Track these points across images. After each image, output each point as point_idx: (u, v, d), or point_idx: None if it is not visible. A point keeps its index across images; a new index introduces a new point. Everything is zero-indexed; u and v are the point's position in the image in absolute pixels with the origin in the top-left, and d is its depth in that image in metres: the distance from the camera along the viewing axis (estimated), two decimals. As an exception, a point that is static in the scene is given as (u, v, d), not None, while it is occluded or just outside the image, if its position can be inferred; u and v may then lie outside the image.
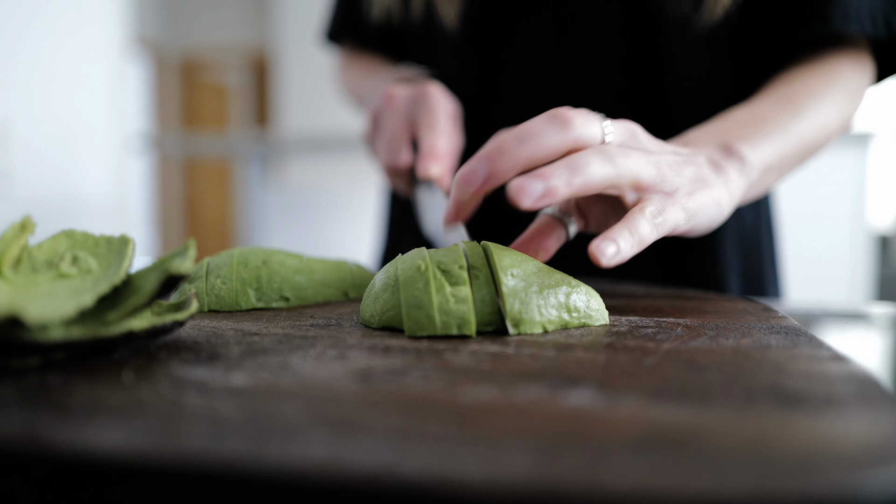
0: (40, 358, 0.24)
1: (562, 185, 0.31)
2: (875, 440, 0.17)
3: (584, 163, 0.32)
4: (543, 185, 0.30)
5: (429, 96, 0.51)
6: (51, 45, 1.78)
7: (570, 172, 0.31)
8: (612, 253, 0.32)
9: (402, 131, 0.51)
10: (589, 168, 0.32)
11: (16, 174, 1.69)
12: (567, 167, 0.31)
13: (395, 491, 0.15)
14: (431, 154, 0.48)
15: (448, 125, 0.50)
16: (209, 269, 0.39)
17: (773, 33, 0.53)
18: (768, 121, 0.45)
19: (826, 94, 0.48)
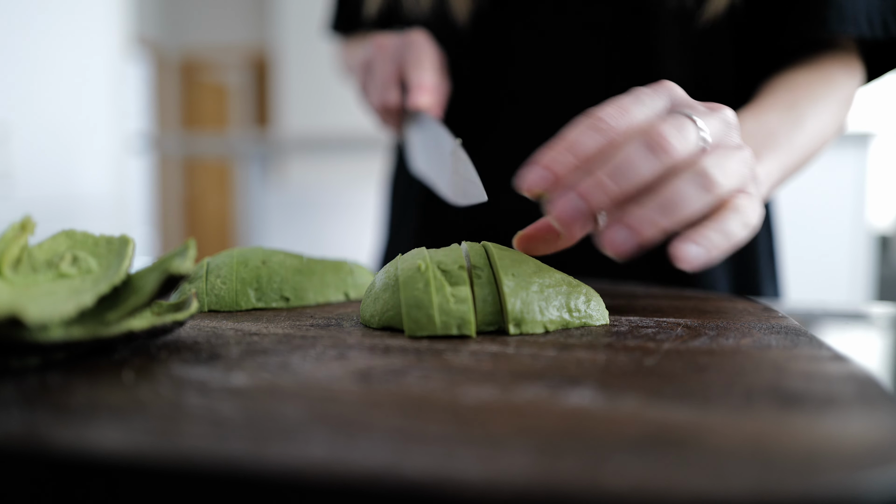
0: (40, 358, 0.24)
1: (653, 232, 0.28)
2: (875, 440, 0.17)
3: (678, 199, 0.28)
4: (632, 236, 0.28)
5: (415, 41, 0.54)
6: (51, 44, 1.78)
7: (660, 213, 0.28)
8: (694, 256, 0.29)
9: (392, 73, 0.54)
10: (686, 204, 0.29)
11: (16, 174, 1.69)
12: (657, 208, 0.28)
13: (395, 491, 0.15)
14: (420, 87, 0.51)
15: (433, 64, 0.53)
16: (209, 269, 0.39)
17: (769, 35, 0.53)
18: (776, 134, 0.45)
19: (825, 101, 0.49)
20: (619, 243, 0.28)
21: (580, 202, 0.28)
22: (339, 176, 2.91)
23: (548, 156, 0.30)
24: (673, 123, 0.29)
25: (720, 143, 0.31)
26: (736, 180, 0.31)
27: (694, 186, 0.29)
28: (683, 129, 0.29)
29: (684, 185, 0.29)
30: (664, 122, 0.29)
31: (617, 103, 0.31)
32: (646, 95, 0.32)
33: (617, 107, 0.31)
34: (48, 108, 1.79)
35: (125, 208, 2.19)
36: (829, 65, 0.51)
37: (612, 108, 0.30)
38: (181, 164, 5.33)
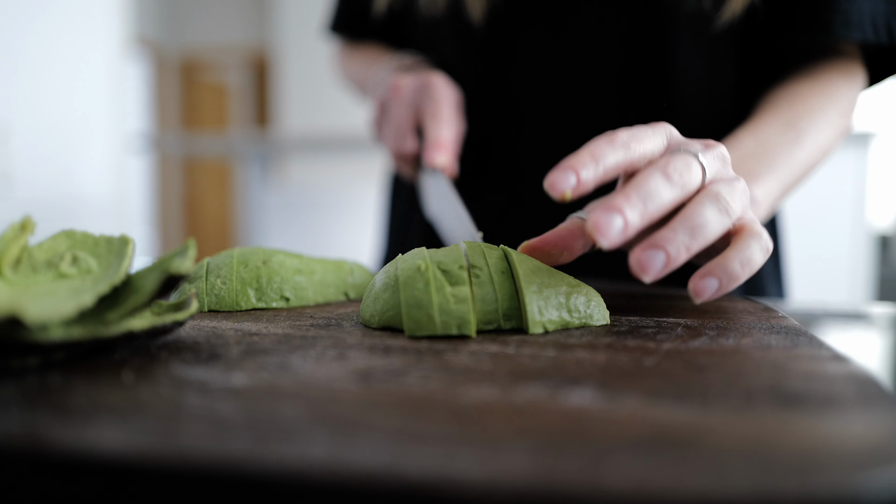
0: (40, 358, 0.24)
1: (682, 253, 0.29)
2: (875, 440, 0.17)
3: (703, 222, 0.30)
4: (664, 257, 0.29)
5: (433, 86, 0.53)
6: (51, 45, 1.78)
7: (689, 237, 0.29)
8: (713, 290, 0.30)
9: (408, 120, 0.54)
10: (710, 227, 0.30)
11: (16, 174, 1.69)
12: (686, 231, 0.29)
13: (396, 491, 0.15)
14: (437, 144, 0.50)
15: (451, 114, 0.52)
16: (209, 269, 0.39)
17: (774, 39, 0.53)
18: (775, 152, 0.45)
19: (825, 115, 0.49)
20: (652, 265, 0.29)
21: (620, 219, 0.29)
22: (339, 176, 2.91)
23: (575, 161, 0.31)
24: (681, 161, 0.31)
25: (719, 177, 0.33)
26: (740, 207, 0.32)
27: (713, 210, 0.30)
28: (690, 165, 0.31)
29: (706, 209, 0.30)
30: (674, 159, 0.31)
31: (626, 130, 0.33)
32: (643, 132, 0.33)
33: (627, 132, 0.32)
34: (48, 109, 1.79)
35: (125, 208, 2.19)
36: (830, 73, 0.51)
37: (623, 133, 0.32)
38: (181, 164, 5.34)
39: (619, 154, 0.32)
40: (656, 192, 0.30)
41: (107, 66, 2.01)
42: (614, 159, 0.31)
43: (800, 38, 0.50)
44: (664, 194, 0.30)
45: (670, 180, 0.30)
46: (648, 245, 0.29)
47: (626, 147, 0.32)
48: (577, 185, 0.30)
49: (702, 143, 0.34)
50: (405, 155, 0.54)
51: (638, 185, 0.30)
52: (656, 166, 0.31)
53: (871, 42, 0.49)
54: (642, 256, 0.29)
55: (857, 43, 0.50)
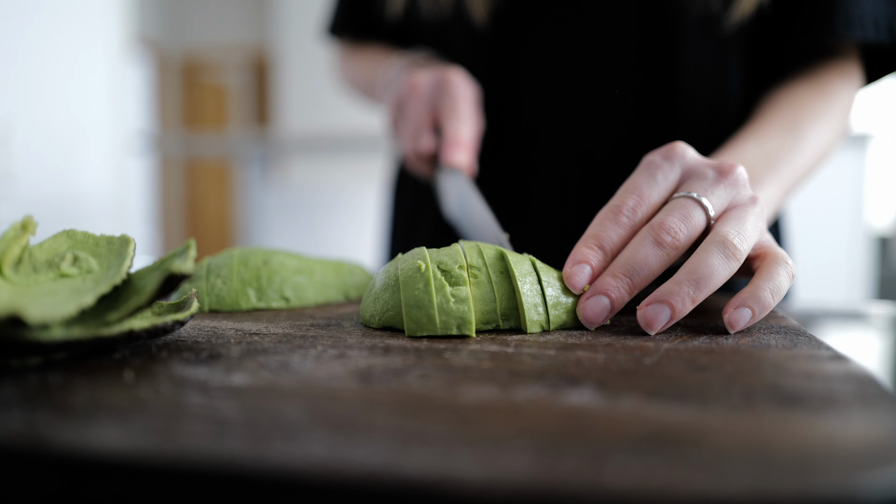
0: (41, 357, 0.24)
1: (688, 306, 0.30)
2: (875, 440, 0.17)
3: (708, 273, 0.31)
4: (669, 312, 0.30)
5: (450, 83, 0.52)
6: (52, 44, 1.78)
7: (694, 289, 0.30)
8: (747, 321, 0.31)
9: (425, 118, 0.53)
10: (715, 276, 0.31)
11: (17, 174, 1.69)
12: (691, 284, 0.30)
13: (396, 490, 0.15)
14: (456, 142, 0.50)
15: (470, 111, 0.52)
16: (209, 269, 0.39)
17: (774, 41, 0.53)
18: (777, 156, 0.46)
19: (825, 117, 0.49)
20: (658, 321, 0.30)
21: (606, 301, 0.31)
22: (340, 176, 2.91)
23: (584, 254, 0.33)
24: (678, 213, 0.32)
25: (733, 204, 0.34)
26: (754, 237, 0.33)
27: (719, 258, 0.31)
28: (689, 216, 0.32)
29: (711, 259, 0.31)
30: (671, 213, 0.32)
31: (635, 190, 0.34)
32: (659, 171, 0.34)
33: (635, 195, 0.34)
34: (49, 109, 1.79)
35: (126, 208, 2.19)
36: (830, 74, 0.51)
37: (630, 199, 0.34)
38: (182, 164, 5.33)
39: (624, 231, 0.33)
40: (644, 264, 0.31)
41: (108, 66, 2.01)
42: (618, 238, 0.33)
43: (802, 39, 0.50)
44: (652, 264, 0.31)
45: (662, 246, 0.32)
46: (654, 299, 0.30)
47: (632, 219, 0.33)
48: (591, 274, 0.32)
49: (716, 170, 0.34)
50: (423, 153, 0.53)
51: (626, 259, 0.32)
52: (649, 229, 0.32)
53: (873, 42, 0.49)
54: (648, 312, 0.30)
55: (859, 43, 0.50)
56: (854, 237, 2.22)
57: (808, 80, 0.51)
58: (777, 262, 0.33)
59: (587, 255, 0.32)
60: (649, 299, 0.30)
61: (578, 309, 0.32)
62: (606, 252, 0.33)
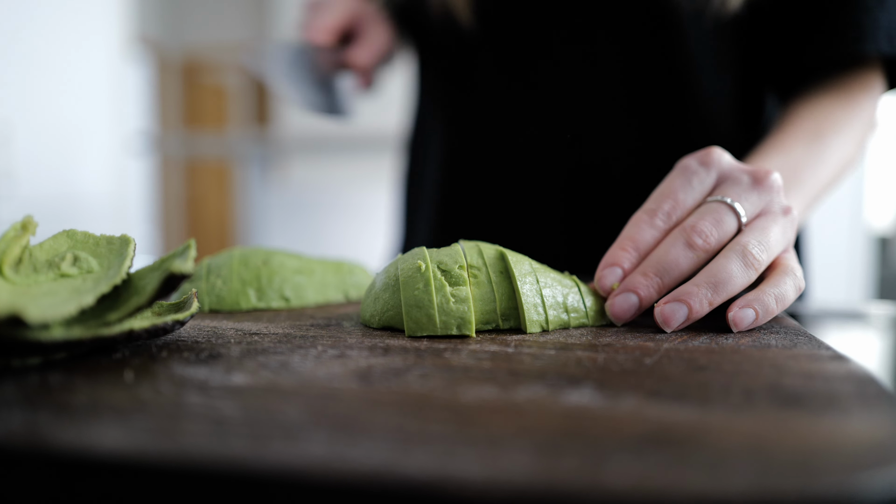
0: (41, 357, 0.24)
1: (705, 307, 0.31)
2: (875, 440, 0.17)
3: (726, 278, 0.31)
4: (686, 311, 0.31)
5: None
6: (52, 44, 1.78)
7: (712, 291, 0.31)
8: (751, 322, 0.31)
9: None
10: (733, 282, 0.31)
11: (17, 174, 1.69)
12: (710, 287, 0.31)
13: (396, 489, 0.15)
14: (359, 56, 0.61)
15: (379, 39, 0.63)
16: (210, 269, 0.39)
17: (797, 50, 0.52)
18: (801, 169, 0.45)
19: (849, 129, 0.49)
20: (675, 319, 0.31)
21: (635, 298, 0.32)
22: (340, 176, 2.91)
23: (618, 256, 0.33)
24: (711, 218, 0.33)
25: (764, 212, 0.34)
26: (779, 248, 0.33)
27: (739, 265, 0.32)
28: (721, 221, 0.33)
29: (730, 265, 0.32)
30: (704, 217, 0.33)
31: (671, 194, 0.35)
32: (695, 176, 0.35)
33: (671, 199, 0.34)
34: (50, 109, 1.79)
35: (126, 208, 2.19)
36: (852, 85, 0.51)
37: (667, 203, 0.34)
38: (182, 164, 5.33)
39: (659, 231, 0.34)
40: (674, 265, 0.32)
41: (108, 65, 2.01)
42: (652, 238, 0.34)
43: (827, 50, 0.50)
44: (683, 265, 0.32)
45: (693, 248, 0.32)
46: (673, 298, 0.31)
47: (667, 222, 0.34)
48: (622, 275, 0.33)
49: (751, 176, 0.35)
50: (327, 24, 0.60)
51: (658, 259, 0.32)
52: (682, 231, 0.33)
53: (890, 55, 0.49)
54: (666, 309, 0.31)
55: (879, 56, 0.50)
56: (854, 237, 2.22)
57: (830, 90, 0.51)
58: (786, 273, 0.33)
59: (621, 258, 0.33)
60: (668, 298, 0.31)
61: (607, 305, 0.32)
62: (641, 254, 0.33)
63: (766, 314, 0.31)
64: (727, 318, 0.31)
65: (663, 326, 0.31)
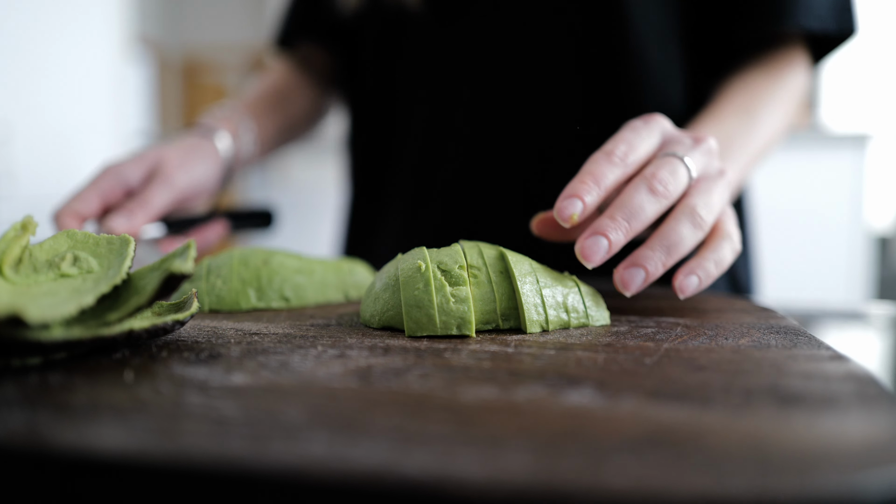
0: (41, 357, 0.24)
1: (660, 269, 0.33)
2: (874, 440, 0.17)
3: (678, 240, 0.33)
4: (644, 274, 0.32)
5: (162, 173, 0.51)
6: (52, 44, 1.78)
7: (666, 254, 0.33)
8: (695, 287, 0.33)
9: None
10: (684, 244, 0.33)
11: (18, 174, 1.69)
12: (663, 249, 0.33)
13: (396, 489, 0.15)
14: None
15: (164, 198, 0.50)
16: (210, 269, 0.39)
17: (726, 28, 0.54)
18: (734, 140, 0.48)
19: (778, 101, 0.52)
20: (634, 282, 0.32)
21: (605, 241, 0.32)
22: (339, 176, 2.91)
23: (579, 188, 0.33)
24: (667, 168, 0.34)
25: (704, 175, 0.36)
26: (719, 209, 0.35)
27: (689, 227, 0.33)
28: (676, 172, 0.34)
29: (681, 227, 0.33)
30: (661, 167, 0.34)
31: (624, 139, 0.35)
32: (644, 129, 0.36)
33: (625, 143, 0.35)
34: (50, 108, 1.79)
35: (125, 208, 2.18)
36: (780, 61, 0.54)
37: (621, 145, 0.35)
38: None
39: (618, 171, 0.34)
40: (640, 209, 0.33)
41: (108, 65, 2.01)
42: (613, 177, 0.34)
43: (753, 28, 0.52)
44: (648, 210, 0.33)
45: (655, 194, 0.33)
46: (630, 263, 0.33)
47: (624, 162, 0.34)
48: (583, 209, 0.33)
49: (691, 138, 0.37)
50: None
51: (624, 204, 0.33)
52: (643, 179, 0.34)
53: (819, 30, 0.51)
54: (625, 274, 0.32)
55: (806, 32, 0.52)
56: (854, 237, 2.22)
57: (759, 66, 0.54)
58: (723, 237, 0.35)
59: (580, 190, 0.33)
60: (625, 263, 0.33)
61: (577, 248, 0.32)
62: (601, 188, 0.33)
63: (708, 279, 0.34)
64: (672, 285, 0.33)
65: (622, 290, 0.32)
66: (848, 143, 2.21)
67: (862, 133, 2.20)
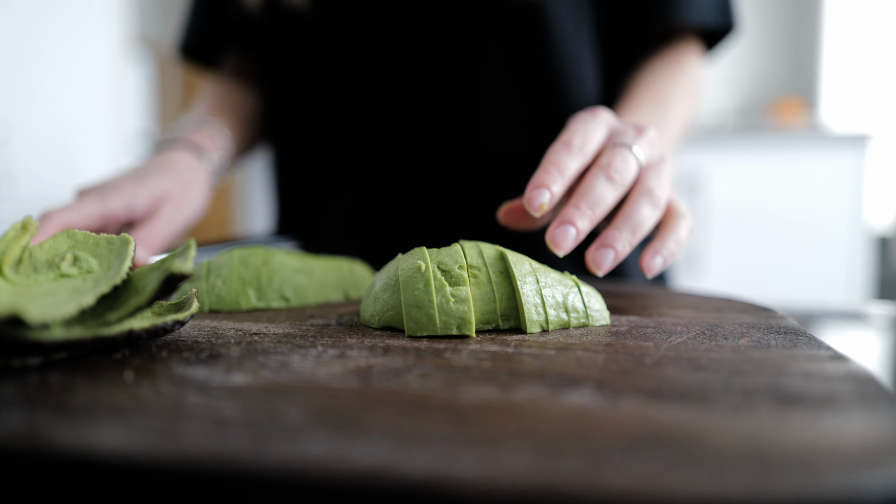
0: (41, 357, 0.24)
1: (627, 249, 0.35)
2: (874, 440, 0.17)
3: (641, 220, 0.36)
4: (613, 255, 0.35)
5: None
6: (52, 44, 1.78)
7: (631, 234, 0.35)
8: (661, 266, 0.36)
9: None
10: (646, 223, 0.36)
11: (18, 174, 1.69)
12: (629, 230, 0.35)
13: (395, 490, 0.15)
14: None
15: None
16: (210, 269, 0.39)
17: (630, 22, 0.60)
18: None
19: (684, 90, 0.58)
20: (605, 262, 0.35)
21: (573, 230, 0.34)
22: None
23: (546, 178, 0.35)
24: (620, 157, 0.37)
25: (650, 161, 0.39)
26: (669, 189, 0.38)
27: (649, 207, 0.36)
28: (627, 160, 0.37)
29: (642, 207, 0.36)
30: (615, 157, 0.37)
31: (578, 131, 0.38)
32: (592, 121, 0.38)
33: (580, 134, 0.37)
34: (50, 108, 1.79)
35: (125, 208, 2.18)
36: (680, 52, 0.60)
37: (578, 136, 0.37)
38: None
39: (578, 160, 0.36)
40: (602, 197, 0.35)
41: (108, 65, 2.01)
42: (574, 167, 0.36)
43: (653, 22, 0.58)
44: (608, 197, 0.35)
45: (613, 182, 0.36)
46: (600, 245, 0.35)
47: (582, 152, 0.37)
48: (551, 198, 0.35)
49: (634, 129, 0.39)
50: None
51: (586, 193, 0.35)
52: (600, 168, 0.36)
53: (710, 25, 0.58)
54: (597, 255, 0.35)
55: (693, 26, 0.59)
56: (854, 237, 2.22)
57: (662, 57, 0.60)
58: (678, 217, 0.38)
59: (546, 180, 0.35)
60: (596, 245, 0.35)
61: (548, 237, 0.34)
62: (565, 177, 0.35)
63: (671, 257, 0.37)
64: (640, 265, 0.36)
65: (595, 270, 0.34)
66: (848, 143, 2.21)
67: (862, 133, 2.20)
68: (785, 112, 2.60)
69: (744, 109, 2.91)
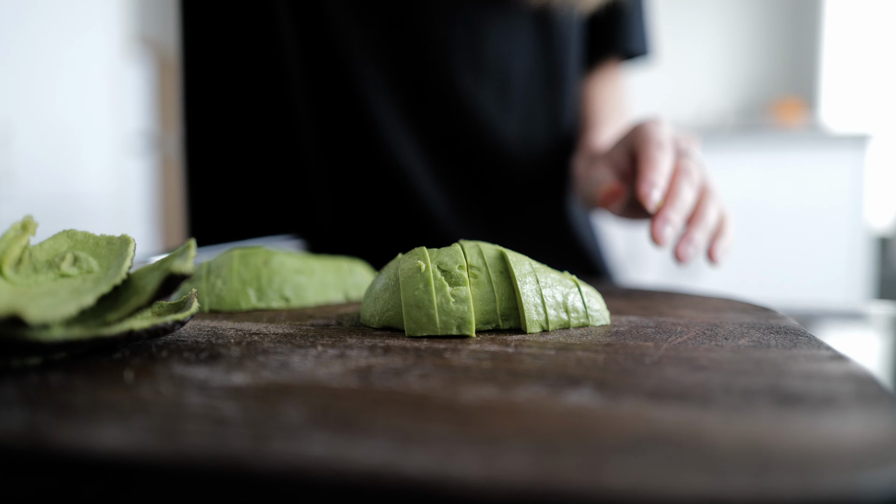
0: (41, 357, 0.24)
1: (703, 246, 0.43)
2: (874, 440, 0.17)
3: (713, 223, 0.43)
4: (695, 250, 0.42)
5: None
6: (52, 44, 1.78)
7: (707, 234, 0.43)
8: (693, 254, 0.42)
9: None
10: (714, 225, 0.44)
11: (18, 174, 1.69)
12: (705, 231, 0.43)
13: (396, 489, 0.15)
14: None
15: None
16: (210, 269, 0.39)
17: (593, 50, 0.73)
18: None
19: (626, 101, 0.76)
20: (688, 255, 0.42)
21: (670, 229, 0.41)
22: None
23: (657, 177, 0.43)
24: (691, 164, 0.44)
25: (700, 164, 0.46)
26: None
27: (715, 210, 0.44)
28: (697, 168, 0.44)
29: (712, 212, 0.44)
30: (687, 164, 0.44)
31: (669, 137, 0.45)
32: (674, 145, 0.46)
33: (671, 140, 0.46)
34: (50, 108, 1.79)
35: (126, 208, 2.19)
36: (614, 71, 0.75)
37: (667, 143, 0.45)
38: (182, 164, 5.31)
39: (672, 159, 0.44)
40: (688, 200, 0.43)
41: (108, 65, 2.01)
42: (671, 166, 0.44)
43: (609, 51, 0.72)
44: (691, 199, 0.43)
45: (693, 187, 0.43)
46: (685, 242, 0.42)
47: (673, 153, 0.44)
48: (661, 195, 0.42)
49: (685, 140, 0.47)
50: None
51: (677, 196, 0.42)
52: (684, 176, 0.43)
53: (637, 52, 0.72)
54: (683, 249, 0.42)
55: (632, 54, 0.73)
56: (854, 237, 2.22)
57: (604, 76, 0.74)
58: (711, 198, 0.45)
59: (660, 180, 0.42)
60: (681, 242, 0.42)
61: (653, 234, 0.41)
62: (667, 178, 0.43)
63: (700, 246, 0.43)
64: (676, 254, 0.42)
65: (680, 262, 0.42)
66: (848, 143, 2.21)
67: (862, 133, 2.20)
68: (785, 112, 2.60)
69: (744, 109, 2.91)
